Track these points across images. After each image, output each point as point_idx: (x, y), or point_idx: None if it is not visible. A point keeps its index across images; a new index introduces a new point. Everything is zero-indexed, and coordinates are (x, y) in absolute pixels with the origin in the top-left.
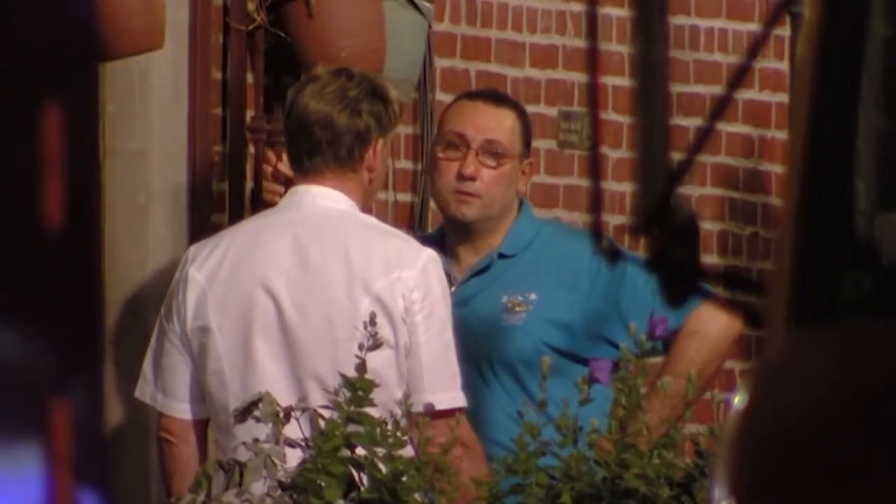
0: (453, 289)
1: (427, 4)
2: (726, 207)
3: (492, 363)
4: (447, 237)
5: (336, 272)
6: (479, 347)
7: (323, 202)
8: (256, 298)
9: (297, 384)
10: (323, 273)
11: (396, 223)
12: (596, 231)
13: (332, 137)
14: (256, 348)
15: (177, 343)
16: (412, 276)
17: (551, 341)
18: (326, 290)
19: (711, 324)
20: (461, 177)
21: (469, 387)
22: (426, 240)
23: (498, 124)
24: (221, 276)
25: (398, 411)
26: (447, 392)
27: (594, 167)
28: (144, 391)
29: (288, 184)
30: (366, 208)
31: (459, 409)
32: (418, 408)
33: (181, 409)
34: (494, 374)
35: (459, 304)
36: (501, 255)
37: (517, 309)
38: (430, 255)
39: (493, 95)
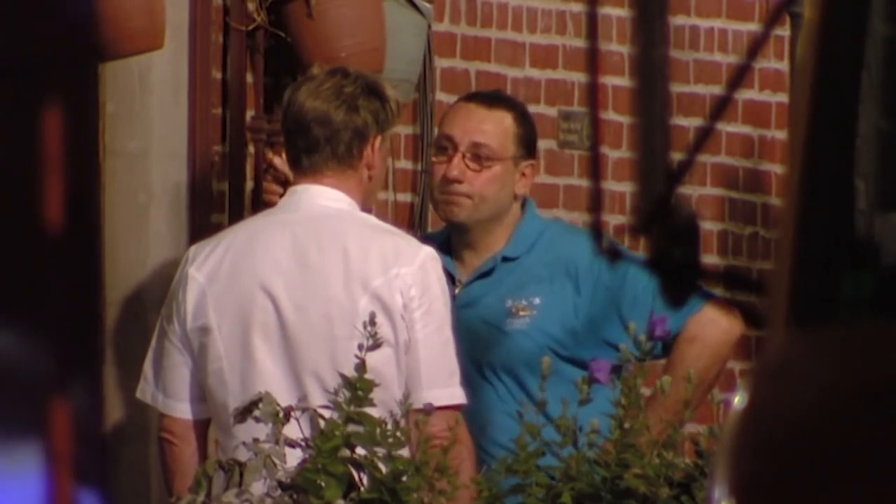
0: (457, 291)
1: (427, 4)
2: (726, 207)
3: (494, 367)
4: (451, 238)
5: (334, 270)
6: (482, 350)
7: (322, 201)
8: (255, 298)
9: (297, 383)
10: (321, 271)
11: (396, 223)
12: (596, 231)
13: (330, 134)
14: (256, 347)
15: (177, 343)
16: (410, 273)
17: (555, 346)
18: (325, 289)
19: (710, 328)
20: (446, 179)
21: (472, 389)
22: (430, 239)
23: (488, 126)
24: (221, 275)
25: (398, 410)
26: (445, 389)
27: (594, 167)
28: (145, 391)
29: (286, 183)
30: (366, 207)
31: (458, 406)
32: (417, 404)
33: (182, 410)
34: (497, 377)
35: (463, 306)
36: (505, 258)
37: (521, 313)
38: (428, 252)
39: (489, 97)
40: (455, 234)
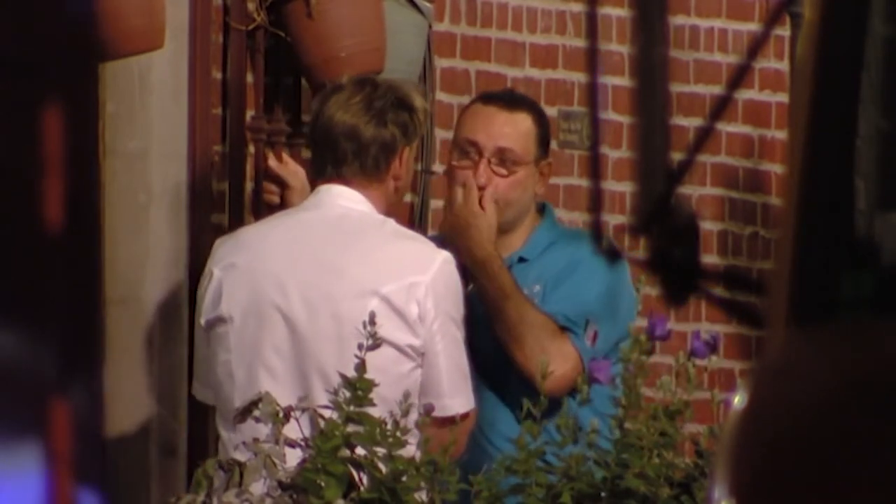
0: (469, 288)
1: (427, 4)
2: (726, 207)
3: (503, 362)
4: None
5: (348, 271)
6: (491, 345)
7: (343, 202)
8: (268, 294)
9: (303, 381)
10: (335, 272)
11: (396, 223)
12: (596, 231)
13: (358, 149)
14: (264, 343)
15: (202, 335)
16: (425, 283)
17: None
18: (337, 289)
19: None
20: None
21: (481, 384)
22: (436, 239)
23: (512, 130)
24: (236, 271)
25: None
26: (464, 395)
27: (594, 167)
28: (196, 389)
29: (283, 185)
30: (391, 213)
31: (473, 410)
32: (440, 412)
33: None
34: (505, 372)
35: (475, 303)
36: (521, 259)
37: None
38: (445, 258)
39: (509, 98)
40: None
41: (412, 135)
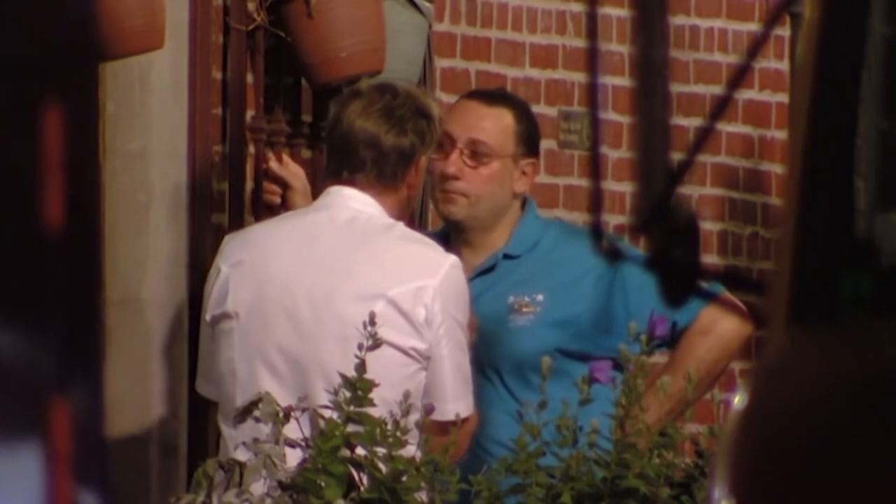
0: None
1: (427, 4)
2: (726, 207)
3: (498, 364)
4: (450, 236)
5: (355, 274)
6: (484, 347)
7: (353, 204)
8: (273, 293)
9: (306, 382)
10: (342, 274)
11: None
12: (596, 231)
13: (378, 156)
14: (268, 342)
15: (206, 331)
16: (433, 286)
17: (559, 343)
18: (343, 291)
19: (723, 322)
20: (444, 175)
21: (473, 386)
22: (442, 235)
23: (487, 124)
24: (243, 268)
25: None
26: (465, 399)
27: (594, 167)
28: (199, 384)
29: (285, 186)
30: (402, 218)
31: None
32: (442, 416)
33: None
34: (500, 375)
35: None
36: (507, 256)
37: (524, 310)
38: (453, 262)
39: (490, 94)
40: (454, 232)
41: (429, 143)
